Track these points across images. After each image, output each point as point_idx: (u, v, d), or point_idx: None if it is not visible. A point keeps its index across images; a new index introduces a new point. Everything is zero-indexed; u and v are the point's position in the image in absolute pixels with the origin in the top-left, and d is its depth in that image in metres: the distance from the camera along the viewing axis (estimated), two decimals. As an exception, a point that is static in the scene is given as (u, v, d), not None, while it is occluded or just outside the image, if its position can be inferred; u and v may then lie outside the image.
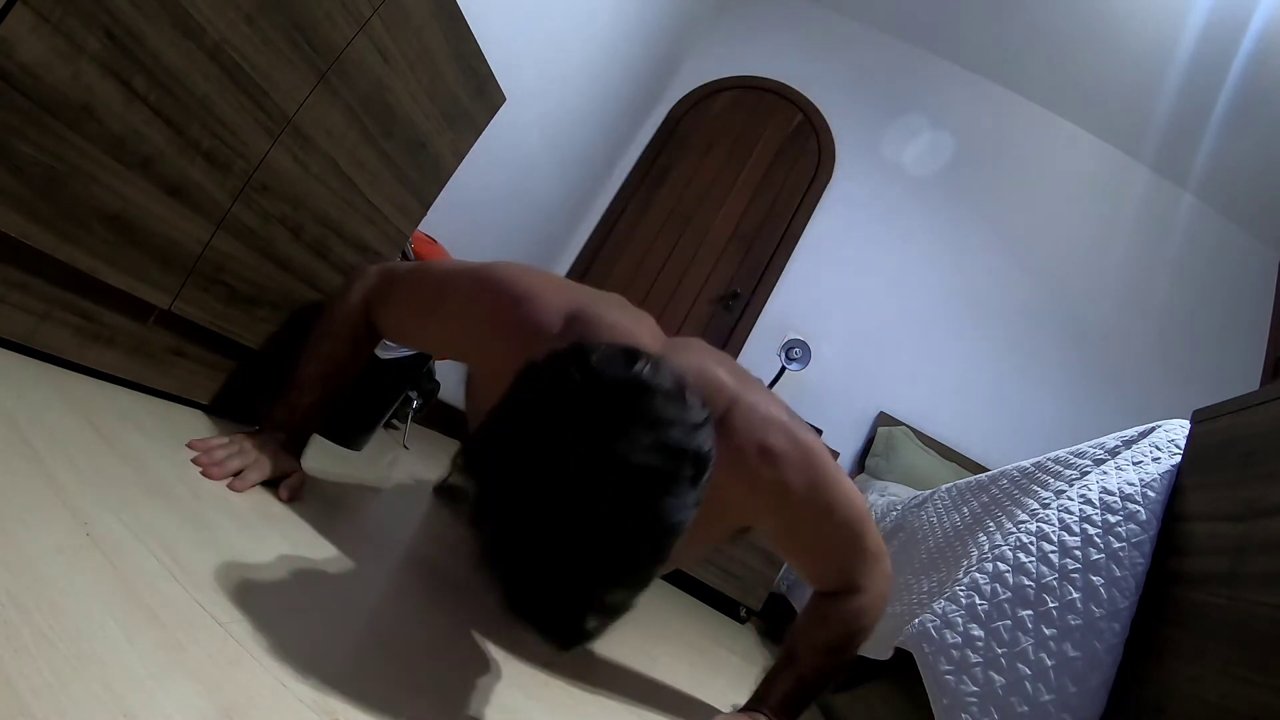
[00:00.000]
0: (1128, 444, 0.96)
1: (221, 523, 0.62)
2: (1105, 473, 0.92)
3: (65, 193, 0.61)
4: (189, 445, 0.72)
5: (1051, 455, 1.09)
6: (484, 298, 0.83)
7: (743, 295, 3.10)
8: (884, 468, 2.73)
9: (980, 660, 0.81)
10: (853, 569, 0.87)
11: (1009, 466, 1.21)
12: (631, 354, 0.53)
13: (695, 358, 0.81)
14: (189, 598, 0.45)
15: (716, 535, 0.89)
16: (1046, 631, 0.79)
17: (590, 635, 0.52)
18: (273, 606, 0.51)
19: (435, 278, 0.90)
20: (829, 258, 3.16)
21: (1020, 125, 3.33)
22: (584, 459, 0.48)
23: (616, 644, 1.02)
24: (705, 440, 0.53)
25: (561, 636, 0.52)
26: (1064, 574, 0.82)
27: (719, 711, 0.85)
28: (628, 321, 0.80)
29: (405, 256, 1.35)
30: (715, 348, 0.90)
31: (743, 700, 0.85)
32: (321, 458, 1.06)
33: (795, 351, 2.76)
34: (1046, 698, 0.75)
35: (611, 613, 0.52)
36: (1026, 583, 0.84)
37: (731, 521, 0.87)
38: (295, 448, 0.83)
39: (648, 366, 0.52)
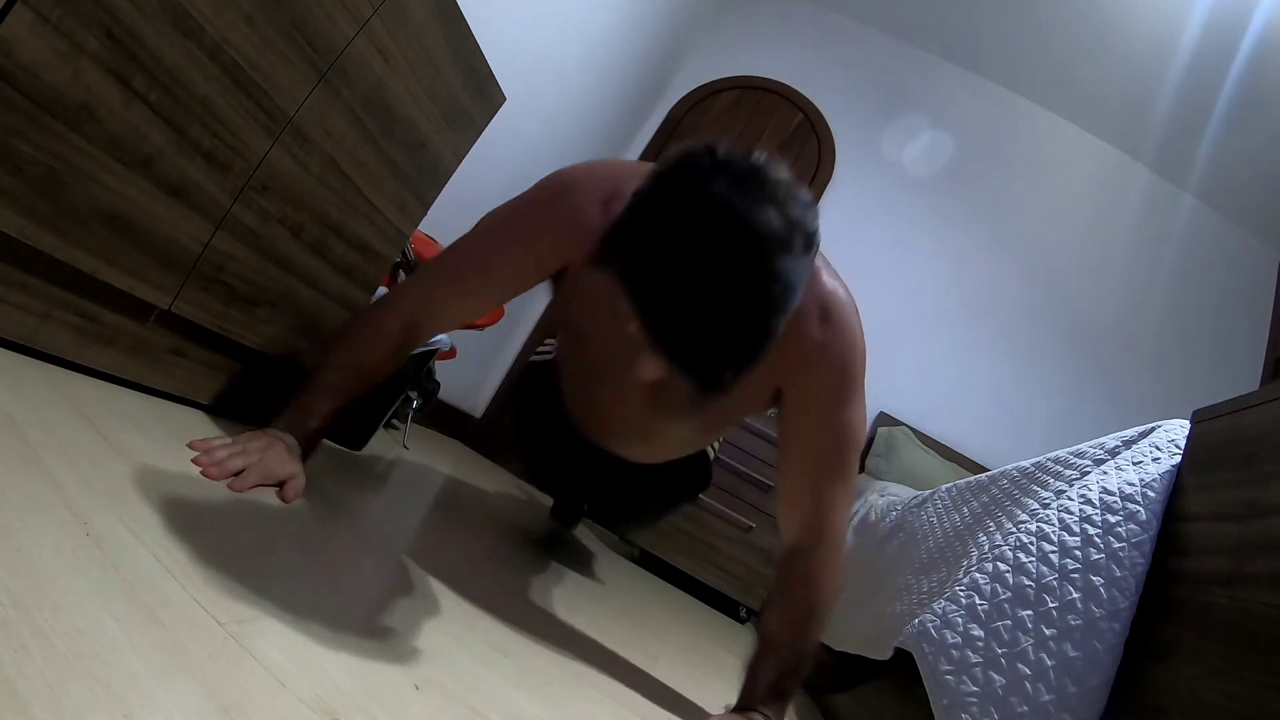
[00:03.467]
0: (1128, 444, 0.96)
1: (221, 522, 0.62)
2: (1105, 473, 0.92)
3: (65, 193, 0.61)
4: (189, 445, 0.72)
5: (1051, 455, 1.09)
6: (525, 214, 0.88)
7: (743, 295, 3.10)
8: (884, 468, 2.73)
9: (980, 660, 0.81)
10: (828, 490, 0.89)
11: (1009, 467, 1.21)
12: (749, 149, 0.62)
13: None
14: (189, 598, 0.45)
15: (759, 387, 0.91)
16: (1046, 631, 0.79)
17: (727, 379, 0.61)
18: (272, 606, 0.51)
19: (474, 235, 0.93)
20: (829, 257, 3.15)
21: (1020, 125, 3.33)
22: (719, 224, 0.57)
23: (617, 642, 1.02)
24: (812, 218, 0.62)
25: (706, 378, 0.60)
26: (1064, 574, 0.82)
27: (711, 715, 0.85)
28: None
29: (405, 256, 1.35)
30: None
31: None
32: (321, 457, 1.06)
33: (795, 351, 2.76)
34: (1046, 698, 0.75)
35: (746, 360, 0.61)
36: (1026, 583, 0.84)
37: (774, 371, 0.88)
38: (301, 451, 0.83)
39: (764, 156, 0.61)
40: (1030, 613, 0.81)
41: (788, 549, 0.93)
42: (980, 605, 0.86)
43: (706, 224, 0.57)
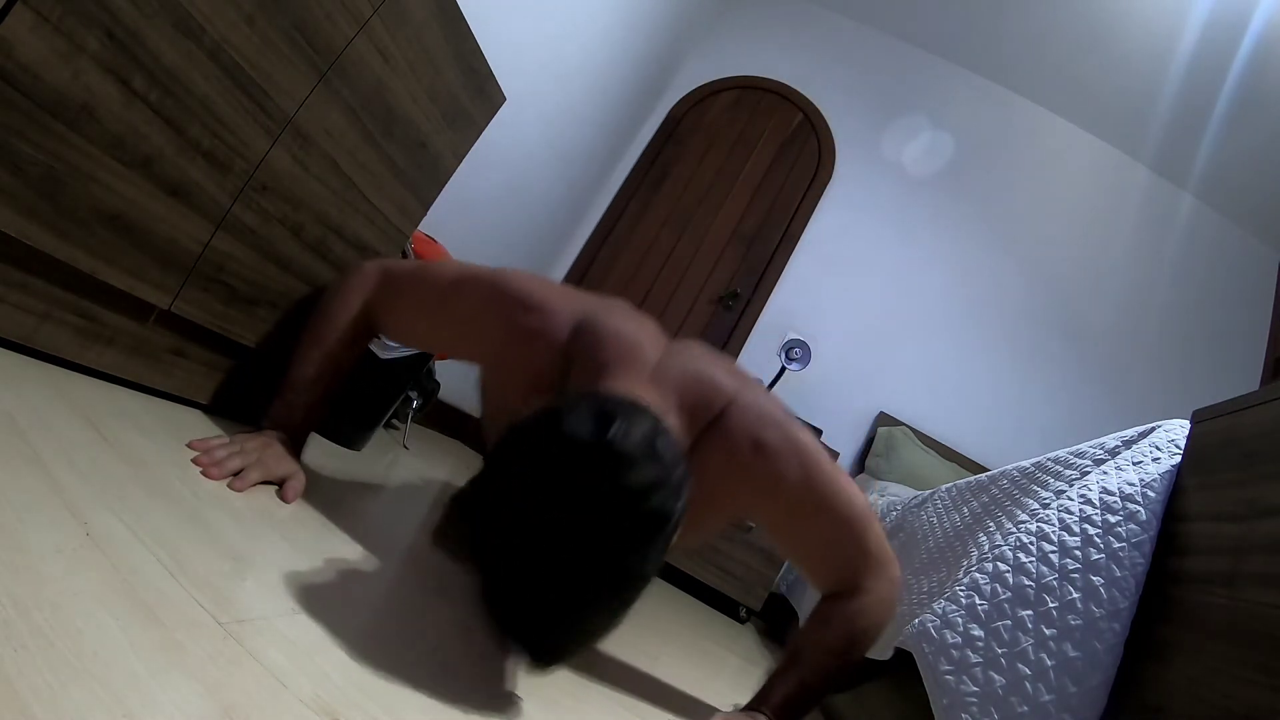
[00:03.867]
0: (1128, 444, 0.96)
1: (221, 523, 0.61)
2: (1105, 473, 0.92)
3: (65, 193, 0.61)
4: (189, 445, 0.72)
5: (1051, 455, 1.09)
6: (494, 306, 0.86)
7: (743, 295, 3.10)
8: (884, 468, 2.73)
9: (980, 660, 0.81)
10: (853, 568, 0.87)
11: (1009, 467, 1.21)
12: (604, 416, 0.57)
13: (694, 361, 0.84)
14: (189, 598, 0.45)
15: (712, 529, 0.91)
16: (1046, 631, 0.79)
17: (566, 659, 0.60)
18: (272, 606, 0.51)
19: (444, 282, 0.91)
20: (829, 258, 3.16)
21: (1020, 125, 3.33)
22: (557, 519, 0.54)
23: (617, 643, 1.02)
24: (668, 499, 0.57)
25: (541, 659, 0.60)
26: (1064, 574, 0.82)
27: (719, 711, 0.85)
28: (631, 328, 0.83)
29: (405, 256, 1.35)
30: (715, 349, 0.92)
31: (744, 700, 0.85)
32: (321, 458, 1.06)
33: (795, 351, 2.76)
34: (1046, 698, 0.75)
35: (585, 642, 0.60)
36: (1026, 583, 0.84)
37: (726, 515, 0.89)
38: (295, 447, 0.84)
39: (617, 428, 0.56)
40: (1030, 613, 0.81)
41: (825, 594, 0.91)
42: (980, 605, 0.86)
43: (541, 525, 0.55)
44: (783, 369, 2.77)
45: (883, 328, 3.10)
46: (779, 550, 0.95)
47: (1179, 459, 0.87)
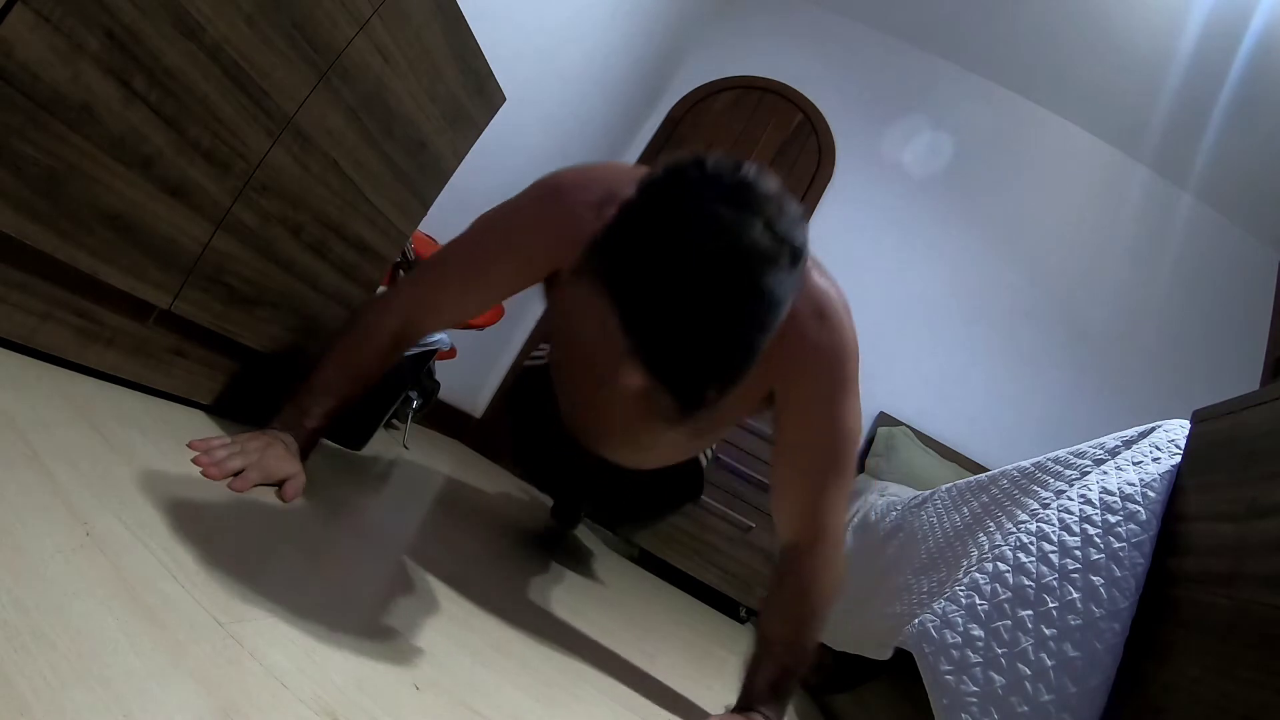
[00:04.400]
0: (1128, 444, 0.96)
1: (222, 523, 0.62)
2: (1105, 473, 0.92)
3: (65, 193, 0.61)
4: (189, 445, 0.72)
5: (1051, 455, 1.09)
6: (519, 215, 0.89)
7: (743, 295, 3.10)
8: (884, 468, 2.73)
9: (980, 660, 0.81)
10: (825, 488, 0.89)
11: (1009, 467, 1.21)
12: (739, 162, 0.61)
13: None
14: (189, 598, 0.45)
15: (752, 389, 0.90)
16: (1046, 631, 0.79)
17: (709, 398, 0.60)
18: (272, 606, 0.51)
19: (468, 235, 0.93)
20: (829, 258, 3.11)
21: (1020, 125, 3.33)
22: (705, 240, 0.56)
23: (617, 643, 1.02)
24: (801, 233, 0.61)
25: (687, 396, 0.59)
26: (1064, 574, 0.82)
27: (711, 715, 0.85)
28: None
29: (405, 256, 1.35)
30: None
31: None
32: (321, 458, 1.06)
33: (795, 351, 2.76)
34: (1046, 698, 0.75)
35: (729, 374, 0.60)
36: (1026, 583, 0.84)
37: (767, 373, 0.87)
38: (300, 451, 0.83)
39: (754, 169, 0.60)
40: (1030, 613, 0.81)
41: (785, 548, 0.93)
42: (980, 605, 0.86)
43: (692, 240, 0.57)
44: (783, 369, 2.77)
45: (883, 328, 3.10)
46: (775, 440, 0.94)
47: (1179, 459, 0.87)
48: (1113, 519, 0.84)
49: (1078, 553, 0.83)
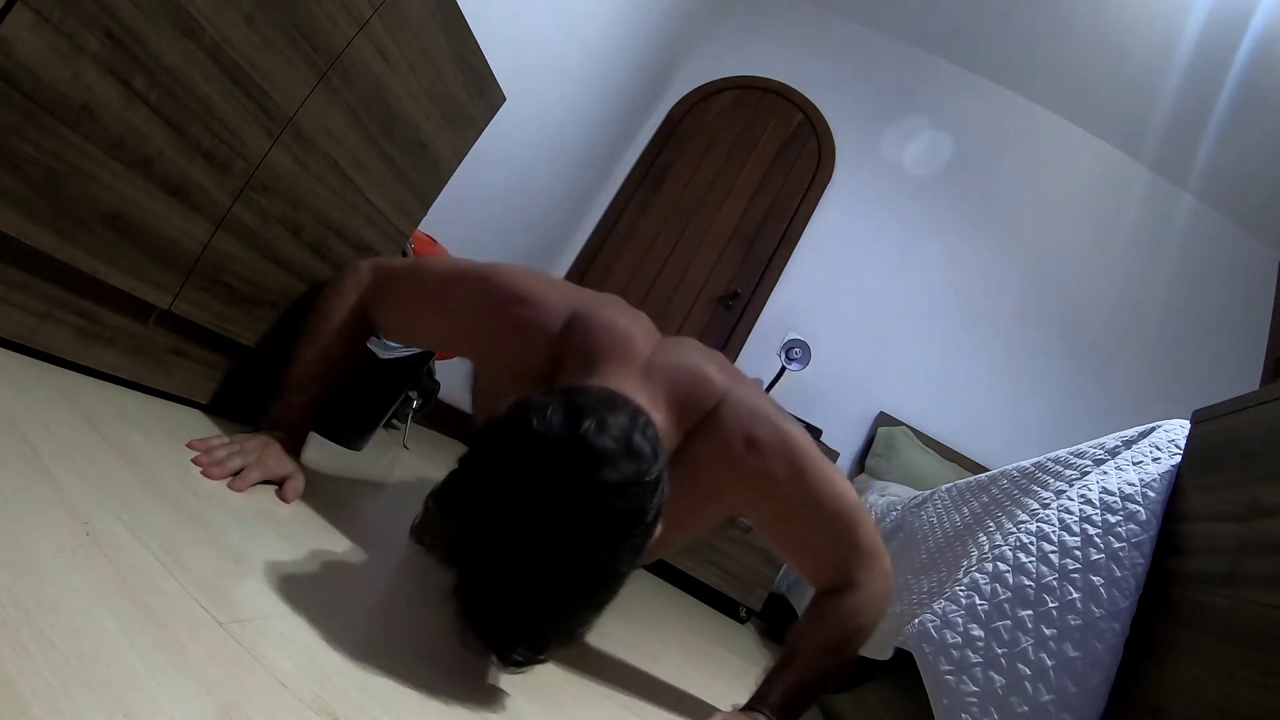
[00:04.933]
0: (1128, 444, 0.96)
1: (221, 523, 0.61)
2: (1105, 473, 0.92)
3: (65, 193, 0.61)
4: (189, 445, 0.72)
5: (1051, 455, 1.09)
6: (487, 300, 0.87)
7: (743, 295, 3.10)
8: (884, 468, 2.73)
9: (980, 660, 0.81)
10: (845, 563, 0.87)
11: (1009, 467, 1.21)
12: (577, 411, 0.57)
13: (687, 356, 0.84)
14: (189, 598, 0.45)
15: (703, 525, 0.91)
16: (1046, 631, 0.79)
17: (539, 657, 0.59)
18: (272, 606, 0.51)
19: (437, 277, 0.92)
20: (829, 258, 3.16)
21: (1020, 125, 3.33)
22: (528, 514, 0.54)
23: (616, 643, 1.02)
24: (644, 496, 0.56)
25: (512, 657, 0.59)
26: (1064, 574, 0.82)
27: (718, 710, 0.85)
28: (624, 323, 0.83)
29: (405, 256, 1.35)
30: (708, 347, 0.93)
31: (743, 700, 0.85)
32: (321, 458, 1.06)
33: (795, 351, 2.76)
34: (1046, 698, 0.75)
35: (559, 640, 0.59)
36: (1026, 583, 0.84)
37: (718, 512, 0.89)
38: (294, 446, 0.84)
39: (589, 423, 0.55)
40: (1030, 613, 0.81)
41: (819, 591, 0.91)
42: (980, 605, 0.86)
43: (514, 524, 0.54)
44: (783, 369, 2.77)
45: (883, 328, 3.10)
46: (773, 547, 0.95)
47: (1179, 459, 0.87)
48: (1113, 519, 0.84)
49: (1078, 553, 0.83)
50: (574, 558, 0.54)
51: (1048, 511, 0.91)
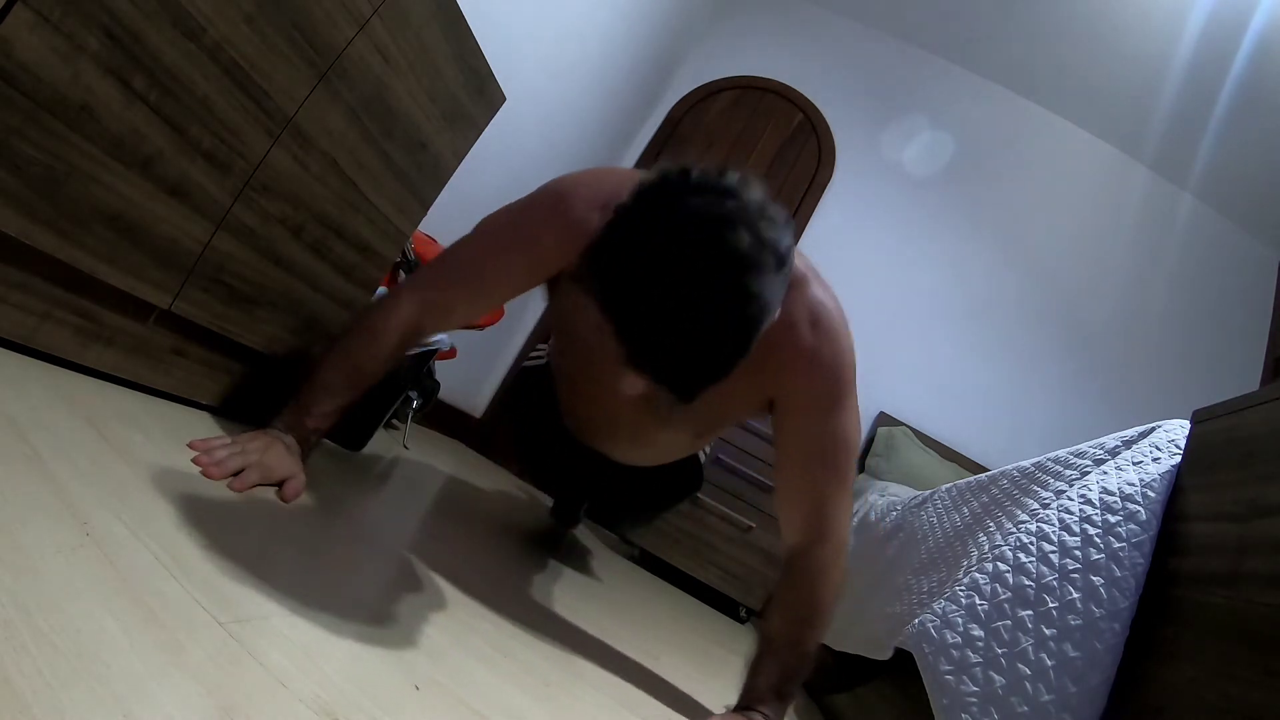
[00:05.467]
0: (1128, 444, 0.96)
1: (221, 523, 0.61)
2: (1105, 473, 0.92)
3: (65, 193, 0.61)
4: (189, 445, 0.72)
5: (1051, 455, 1.09)
6: (527, 216, 0.91)
7: (743, 295, 3.10)
8: (884, 468, 2.73)
9: (980, 660, 0.81)
10: (827, 491, 0.90)
11: (1009, 467, 1.21)
12: (723, 170, 0.64)
13: None
14: (189, 598, 0.45)
15: (752, 395, 0.93)
16: (1046, 631, 0.79)
17: (702, 387, 0.63)
18: (273, 606, 0.51)
19: (474, 237, 0.95)
20: (829, 258, 3.13)
21: (1020, 125, 3.33)
22: (691, 246, 0.59)
23: (617, 643, 1.02)
24: (785, 236, 0.64)
25: (681, 388, 0.63)
26: (1064, 574, 0.82)
27: (712, 713, 0.85)
28: None
29: (405, 256, 1.35)
30: None
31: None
32: (321, 458, 1.06)
33: (795, 351, 2.76)
34: (1046, 698, 0.75)
35: (718, 369, 0.63)
36: (1026, 583, 0.84)
37: (760, 386, 0.91)
38: (301, 451, 0.83)
39: (738, 177, 0.64)
40: (1030, 613, 0.81)
41: (789, 550, 0.93)
42: (980, 605, 0.86)
43: (677, 250, 0.59)
44: (783, 369, 2.77)
45: (883, 328, 3.10)
46: (776, 457, 0.96)
47: (1179, 459, 0.87)
48: (1113, 519, 0.84)
49: (1078, 553, 0.83)
50: (731, 282, 0.59)
51: (1048, 511, 0.91)
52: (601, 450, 1.21)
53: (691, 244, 0.59)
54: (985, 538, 1.04)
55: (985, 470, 1.80)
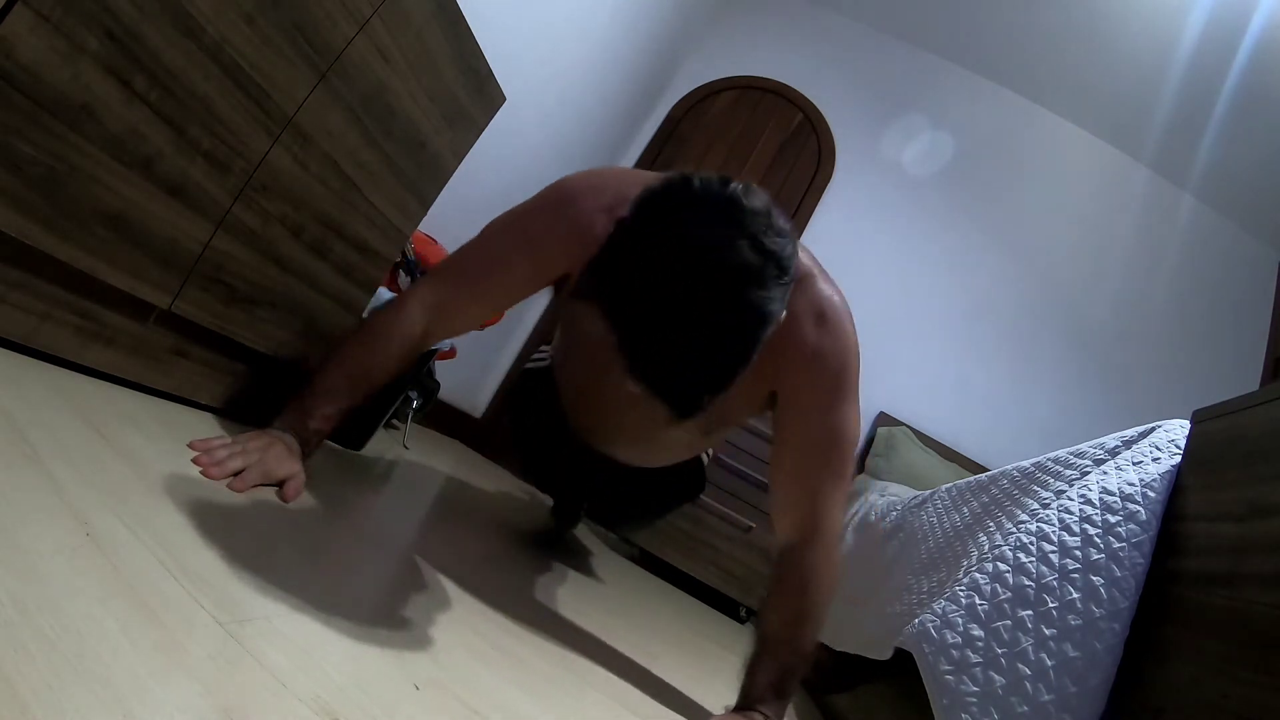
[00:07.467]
0: (1128, 444, 0.96)
1: (221, 523, 0.61)
2: (1105, 473, 0.92)
3: (65, 193, 0.61)
4: (190, 445, 0.72)
5: (1051, 455, 1.09)
6: (534, 218, 0.91)
7: (743, 295, 3.10)
8: (884, 468, 2.73)
9: (980, 660, 0.81)
10: (823, 488, 0.90)
11: (1009, 467, 1.21)
12: (726, 179, 0.64)
13: None
14: (189, 598, 0.45)
15: (755, 390, 0.93)
16: (1046, 631, 0.79)
17: (703, 403, 0.63)
18: (272, 606, 0.51)
19: (480, 241, 0.95)
20: (829, 258, 3.11)
21: (1020, 125, 3.33)
22: (691, 260, 0.59)
23: (617, 643, 1.02)
24: (788, 245, 0.63)
25: (680, 405, 0.63)
26: (1064, 574, 0.82)
27: (712, 714, 0.85)
28: None
29: (405, 256, 1.35)
30: None
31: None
32: (322, 457, 1.06)
33: (795, 351, 2.76)
34: (1046, 698, 0.75)
35: (719, 383, 0.63)
36: (1026, 583, 0.84)
37: (768, 374, 0.90)
38: (303, 452, 0.83)
39: (741, 186, 0.63)
40: (1030, 613, 0.81)
41: (783, 547, 0.93)
42: (980, 605, 0.86)
43: (678, 263, 0.59)
44: (783, 369, 2.77)
45: (883, 328, 3.09)
46: (772, 449, 0.96)
47: (1179, 459, 0.87)
48: (1113, 519, 0.84)
49: (1078, 553, 0.83)
50: (732, 296, 0.60)
51: (1048, 511, 0.91)
52: (606, 452, 1.21)
53: (693, 259, 0.59)
54: (985, 538, 1.04)
55: (985, 470, 1.80)
